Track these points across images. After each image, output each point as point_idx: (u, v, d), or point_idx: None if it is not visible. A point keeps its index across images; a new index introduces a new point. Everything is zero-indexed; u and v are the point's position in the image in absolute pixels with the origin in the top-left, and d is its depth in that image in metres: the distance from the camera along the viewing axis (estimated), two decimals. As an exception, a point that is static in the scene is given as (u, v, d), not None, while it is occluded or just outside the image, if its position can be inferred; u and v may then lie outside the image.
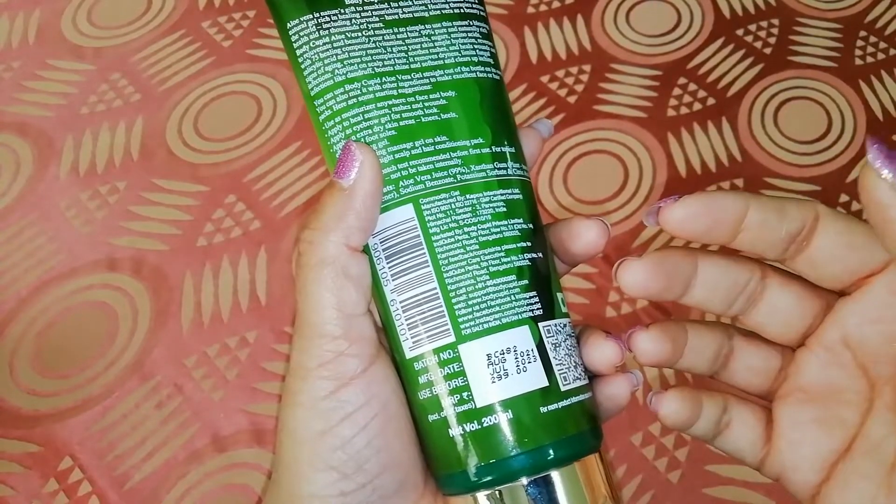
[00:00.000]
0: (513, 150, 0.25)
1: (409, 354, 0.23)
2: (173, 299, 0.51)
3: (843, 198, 0.53)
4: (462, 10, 0.26)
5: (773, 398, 0.23)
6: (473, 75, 0.25)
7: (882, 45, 0.62)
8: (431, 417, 0.22)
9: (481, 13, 0.26)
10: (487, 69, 0.25)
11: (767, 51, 0.62)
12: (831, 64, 0.60)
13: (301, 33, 0.24)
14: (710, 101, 0.59)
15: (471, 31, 0.25)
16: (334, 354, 0.22)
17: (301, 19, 0.24)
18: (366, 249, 0.23)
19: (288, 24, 0.24)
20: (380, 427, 0.22)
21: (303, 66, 0.24)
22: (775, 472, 0.23)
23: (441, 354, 0.22)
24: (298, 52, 0.24)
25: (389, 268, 0.23)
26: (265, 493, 0.34)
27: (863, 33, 0.62)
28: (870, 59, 0.61)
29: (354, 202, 0.22)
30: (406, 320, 0.23)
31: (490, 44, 0.26)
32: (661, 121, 0.58)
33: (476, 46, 0.25)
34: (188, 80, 0.61)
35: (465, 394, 0.22)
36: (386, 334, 0.23)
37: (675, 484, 0.44)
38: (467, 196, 0.23)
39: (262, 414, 0.47)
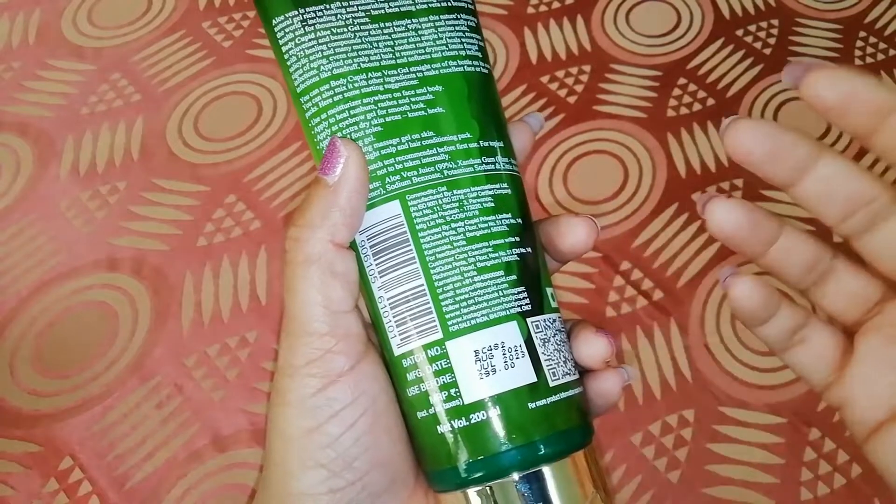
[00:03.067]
0: (501, 144, 0.24)
1: (397, 351, 0.22)
2: (173, 299, 0.51)
3: (843, 198, 0.53)
4: (449, 4, 0.25)
5: (859, 329, 0.22)
6: (461, 69, 0.24)
7: (882, 45, 0.62)
8: (420, 414, 0.22)
9: (469, 6, 0.26)
10: (475, 63, 0.25)
11: (767, 51, 0.62)
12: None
13: (286, 30, 0.24)
14: (710, 101, 0.59)
15: (458, 25, 0.25)
16: (321, 352, 0.21)
17: (286, 16, 0.24)
18: (353, 246, 0.23)
19: (273, 21, 0.24)
20: (368, 424, 0.22)
21: (289, 64, 0.24)
22: (838, 401, 0.22)
23: (429, 351, 0.22)
24: (284, 50, 0.24)
25: (377, 264, 0.23)
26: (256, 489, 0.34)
27: (862, 34, 0.62)
28: (869, 60, 0.61)
29: (339, 199, 0.22)
30: (394, 317, 0.22)
31: (478, 37, 0.26)
32: (660, 121, 0.58)
33: (464, 40, 0.25)
34: (188, 81, 0.61)
35: (453, 390, 0.22)
36: (374, 331, 0.23)
37: (674, 484, 0.44)
38: (454, 192, 0.23)
39: (263, 414, 0.47)
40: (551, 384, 0.22)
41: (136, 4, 0.66)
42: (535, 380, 0.22)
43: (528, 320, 0.23)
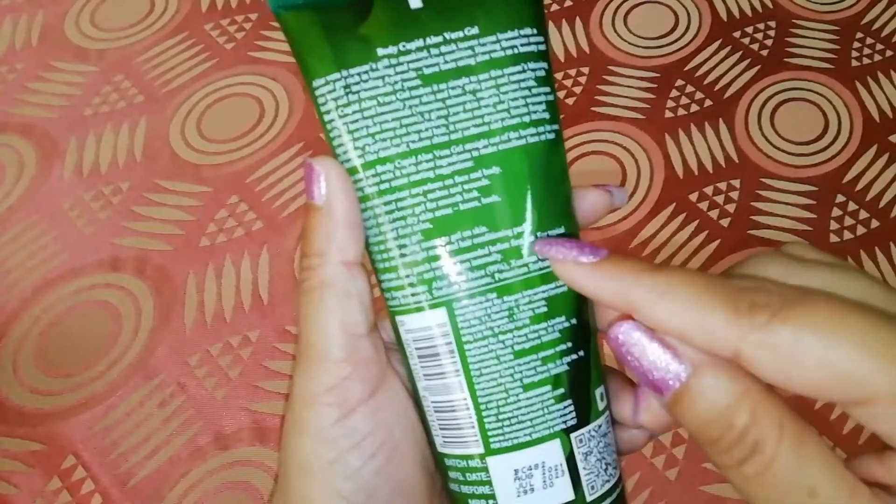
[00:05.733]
0: (562, 230, 0.22)
1: (439, 449, 0.22)
2: (176, 299, 0.51)
3: (840, 198, 0.53)
4: (516, 51, 0.22)
5: None
6: (523, 142, 0.22)
7: (879, 46, 0.62)
8: None
9: (540, 49, 0.22)
10: (540, 129, 0.22)
11: (764, 53, 0.62)
12: (828, 66, 0.61)
13: (328, 96, 0.21)
14: (708, 102, 0.59)
15: (524, 81, 0.22)
16: (338, 379, 0.21)
17: (327, 79, 0.21)
18: (398, 341, 0.22)
19: (314, 84, 0.22)
20: (388, 455, 0.22)
21: (331, 136, 0.22)
22: None
23: (469, 461, 0.22)
24: (326, 118, 0.22)
25: (421, 367, 0.22)
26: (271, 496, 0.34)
27: (859, 35, 0.63)
28: (866, 61, 0.61)
29: (336, 217, 0.21)
30: (437, 420, 0.22)
31: (547, 90, 0.22)
32: (658, 122, 0.58)
33: (529, 100, 0.22)
34: (191, 82, 0.62)
35: (490, 502, 0.22)
36: (420, 418, 0.23)
37: (672, 481, 0.44)
38: (505, 298, 0.21)
39: (265, 412, 0.47)
40: (588, 499, 0.22)
41: (139, 6, 0.66)
42: (573, 498, 0.22)
43: (572, 436, 0.22)
